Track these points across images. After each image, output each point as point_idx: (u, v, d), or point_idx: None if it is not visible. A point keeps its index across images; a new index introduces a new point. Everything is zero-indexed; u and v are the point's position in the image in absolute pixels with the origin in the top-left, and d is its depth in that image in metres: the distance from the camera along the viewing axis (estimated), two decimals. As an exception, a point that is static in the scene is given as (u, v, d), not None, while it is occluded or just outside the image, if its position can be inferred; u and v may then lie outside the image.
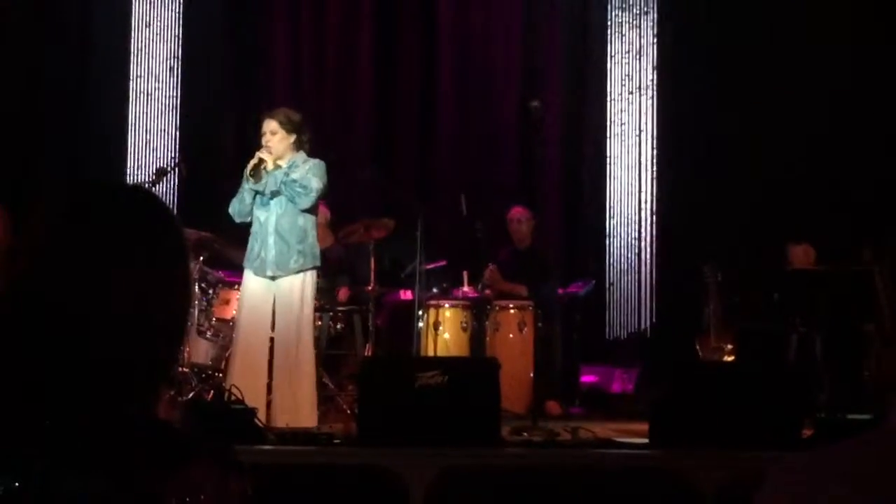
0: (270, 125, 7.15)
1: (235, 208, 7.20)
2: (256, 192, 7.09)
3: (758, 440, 5.86)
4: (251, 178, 7.04)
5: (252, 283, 7.17)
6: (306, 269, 7.09)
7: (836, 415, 6.46)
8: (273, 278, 7.07)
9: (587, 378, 9.85)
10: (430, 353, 8.80)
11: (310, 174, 7.06)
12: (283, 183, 7.01)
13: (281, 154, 7.13)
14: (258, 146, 7.15)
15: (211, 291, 8.55)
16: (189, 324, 8.25)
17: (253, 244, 7.18)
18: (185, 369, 8.18)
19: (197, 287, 8.41)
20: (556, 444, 6.27)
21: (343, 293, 9.28)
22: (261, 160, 7.05)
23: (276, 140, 7.11)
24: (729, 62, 10.69)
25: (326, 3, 11.37)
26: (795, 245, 9.22)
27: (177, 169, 9.55)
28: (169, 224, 1.59)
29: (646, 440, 6.12)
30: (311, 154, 7.25)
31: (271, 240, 7.06)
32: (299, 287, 7.07)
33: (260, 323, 7.13)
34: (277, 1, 11.36)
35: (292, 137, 7.16)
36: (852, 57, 10.23)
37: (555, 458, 5.86)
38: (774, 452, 5.74)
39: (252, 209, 7.15)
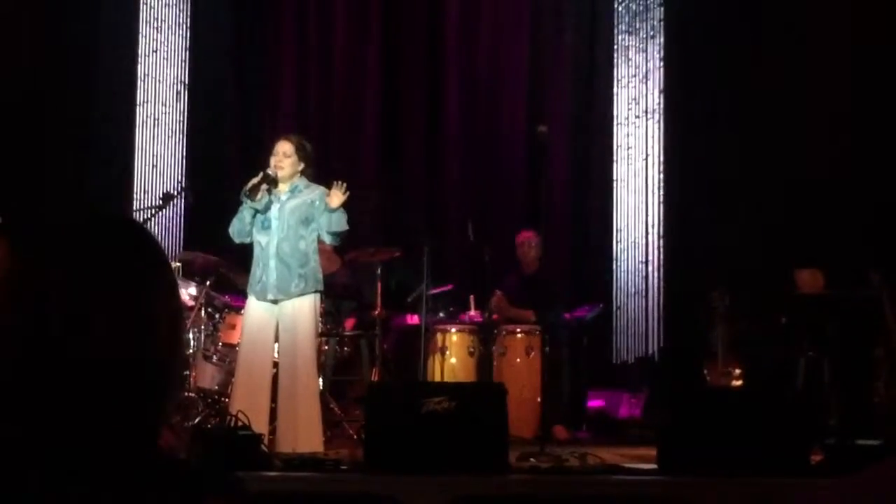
0: (285, 147, 7.16)
1: (235, 228, 7.20)
2: (256, 212, 7.09)
3: (767, 466, 5.84)
4: (249, 197, 7.03)
5: (254, 308, 7.16)
6: (308, 293, 7.08)
7: (845, 440, 6.42)
8: (275, 302, 7.06)
9: (594, 402, 9.82)
10: (437, 377, 8.78)
11: (324, 205, 7.06)
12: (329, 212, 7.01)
13: (288, 177, 7.14)
14: (264, 167, 7.14)
15: (217, 316, 8.54)
16: (191, 351, 8.26)
17: (255, 269, 7.18)
18: (190, 394, 8.17)
19: (203, 312, 8.42)
20: (564, 470, 6.24)
21: (350, 323, 9.26)
22: (266, 176, 7.04)
23: (288, 163, 7.12)
24: (736, 85, 10.69)
25: (333, 28, 11.42)
26: (803, 269, 9.19)
27: (184, 194, 9.55)
28: (153, 256, 1.55)
29: (654, 466, 6.09)
30: (316, 179, 7.27)
31: (272, 263, 7.06)
32: (301, 311, 7.05)
33: (262, 347, 7.12)
34: (284, 27, 11.42)
35: (301, 165, 7.18)
36: (859, 79, 10.22)
37: (563, 486, 5.83)
38: (783, 479, 5.74)
39: (252, 230, 7.15)
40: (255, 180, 7.03)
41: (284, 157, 7.12)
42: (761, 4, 10.71)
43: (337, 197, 6.98)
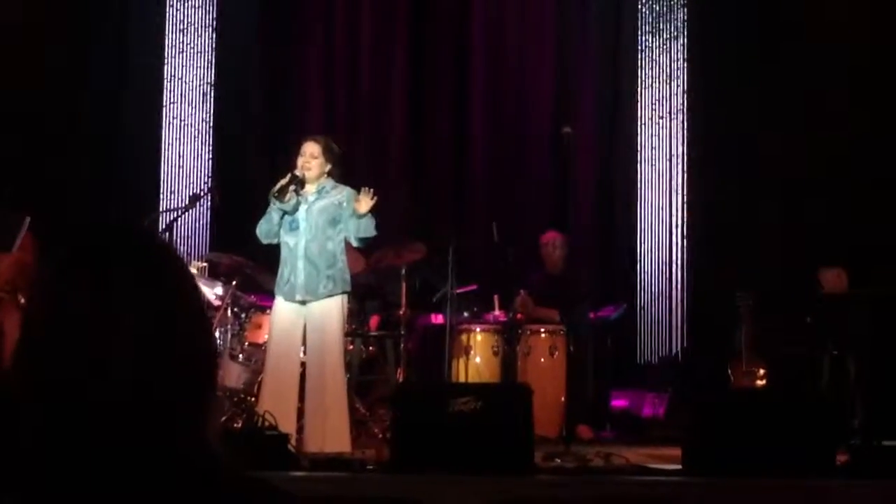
0: (312, 149, 7.16)
1: (263, 229, 7.21)
2: (284, 213, 7.11)
3: (791, 467, 5.84)
4: (277, 198, 7.05)
5: (282, 309, 7.18)
6: (336, 294, 7.10)
7: (870, 441, 6.42)
8: (303, 303, 7.09)
9: (618, 402, 9.83)
10: (462, 377, 8.79)
11: (352, 207, 7.09)
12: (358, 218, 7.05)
13: (315, 178, 7.16)
14: (292, 169, 7.17)
15: (243, 316, 8.58)
16: (217, 351, 8.30)
17: (283, 270, 7.19)
18: (217, 393, 8.18)
19: (229, 311, 8.46)
20: (589, 470, 6.26)
21: (374, 321, 9.29)
22: (294, 177, 7.05)
23: (315, 164, 7.13)
24: (760, 85, 10.69)
25: (360, 28, 11.44)
26: (828, 269, 9.18)
27: (210, 194, 9.60)
28: (173, 263, 1.58)
29: (678, 466, 6.11)
30: (343, 180, 7.29)
31: (300, 264, 7.07)
32: (329, 312, 7.07)
33: (290, 348, 7.14)
34: (311, 26, 11.44)
35: (328, 166, 7.19)
36: (881, 74, 10.20)
37: (589, 486, 5.85)
38: (808, 479, 5.74)
39: (279, 230, 7.17)
40: (283, 182, 7.04)
41: (312, 158, 7.14)
42: (782, 4, 10.70)
43: (365, 202, 6.99)
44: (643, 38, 11.40)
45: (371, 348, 9.15)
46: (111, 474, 1.42)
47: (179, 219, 8.80)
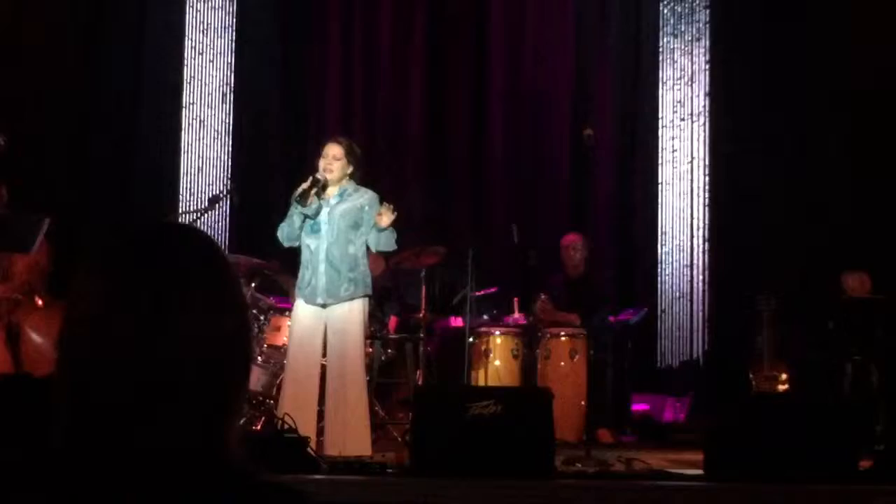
0: (335, 150, 7.11)
1: (284, 232, 7.18)
2: (305, 217, 7.07)
3: (814, 472, 5.80)
4: (299, 202, 7.00)
5: (303, 311, 7.15)
6: (357, 297, 7.07)
7: (894, 447, 6.37)
8: (324, 306, 7.06)
9: (639, 406, 9.80)
10: (481, 380, 8.78)
11: (374, 211, 7.05)
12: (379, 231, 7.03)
13: (337, 181, 7.12)
14: (311, 171, 7.13)
15: (262, 318, 8.56)
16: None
17: (304, 272, 7.16)
18: (245, 396, 8.16)
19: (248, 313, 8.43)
20: (610, 475, 6.23)
21: (393, 323, 9.27)
22: (315, 181, 7.00)
23: (337, 166, 7.08)
24: (781, 87, 10.64)
25: (378, 30, 11.45)
26: (850, 273, 9.14)
27: (229, 196, 9.59)
28: (216, 258, 1.55)
29: (700, 471, 6.07)
30: (363, 182, 7.25)
31: (322, 268, 7.04)
32: (351, 315, 7.04)
33: (311, 350, 7.11)
34: (329, 29, 11.45)
35: (350, 168, 7.14)
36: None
37: (610, 491, 5.82)
38: (831, 485, 5.70)
39: (301, 234, 7.13)
40: (304, 186, 6.97)
41: (334, 160, 7.08)
42: (806, 6, 10.65)
43: (387, 217, 6.96)
44: (664, 40, 11.38)
45: (390, 351, 9.12)
46: (136, 475, 1.41)
47: (198, 220, 8.78)
